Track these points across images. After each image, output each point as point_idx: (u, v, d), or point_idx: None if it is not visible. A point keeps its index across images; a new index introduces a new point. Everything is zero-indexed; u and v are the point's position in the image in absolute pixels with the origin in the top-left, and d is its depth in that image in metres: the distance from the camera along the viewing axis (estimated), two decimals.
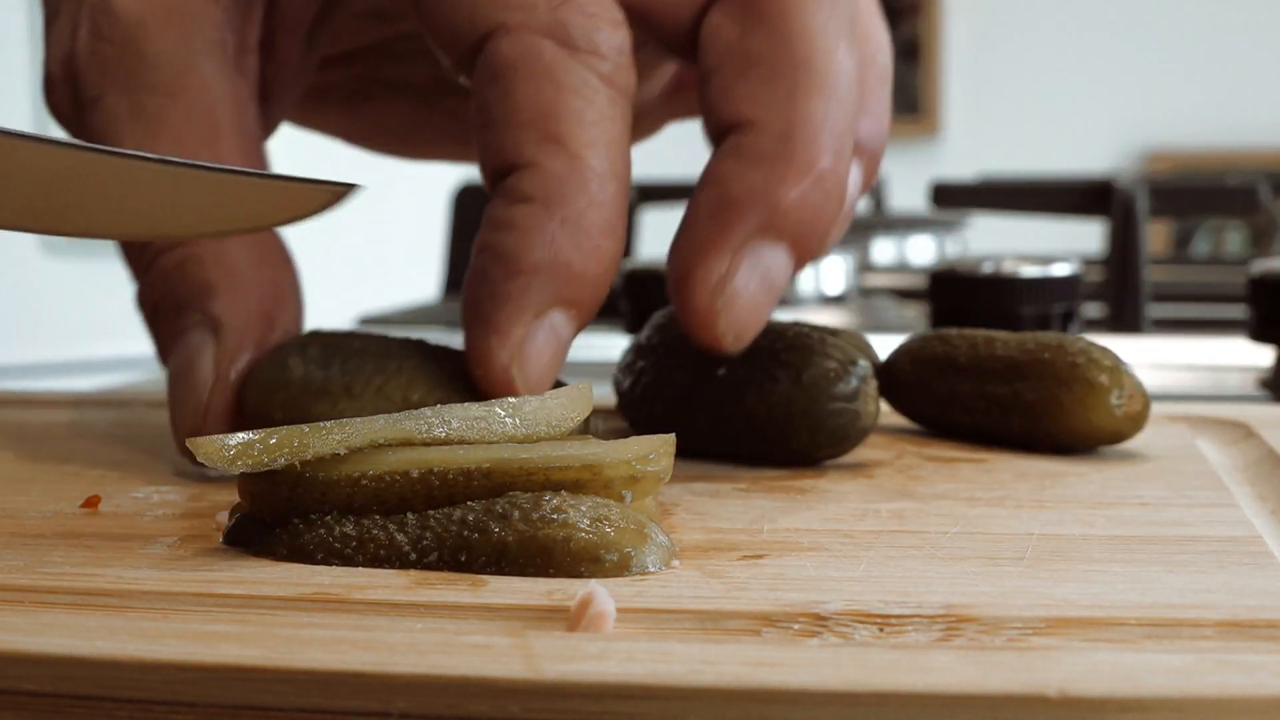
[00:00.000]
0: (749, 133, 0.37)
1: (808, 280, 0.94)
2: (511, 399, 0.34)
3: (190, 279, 0.39)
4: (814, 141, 0.37)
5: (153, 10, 0.40)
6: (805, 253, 0.38)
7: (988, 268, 0.71)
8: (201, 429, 0.39)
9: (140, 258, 0.41)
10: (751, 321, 0.38)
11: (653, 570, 0.30)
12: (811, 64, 0.38)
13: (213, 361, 0.39)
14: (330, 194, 0.35)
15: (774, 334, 0.42)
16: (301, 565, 0.31)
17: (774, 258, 0.38)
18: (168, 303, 0.40)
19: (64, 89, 0.41)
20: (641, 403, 0.46)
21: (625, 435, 0.34)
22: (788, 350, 0.41)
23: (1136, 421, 0.42)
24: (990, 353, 0.44)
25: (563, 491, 0.31)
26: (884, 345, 0.45)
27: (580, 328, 0.38)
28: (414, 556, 0.31)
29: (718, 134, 0.38)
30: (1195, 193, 1.23)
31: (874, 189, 2.07)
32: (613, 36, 0.38)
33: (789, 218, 0.37)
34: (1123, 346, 0.45)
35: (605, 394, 0.48)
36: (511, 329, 0.37)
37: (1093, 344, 0.43)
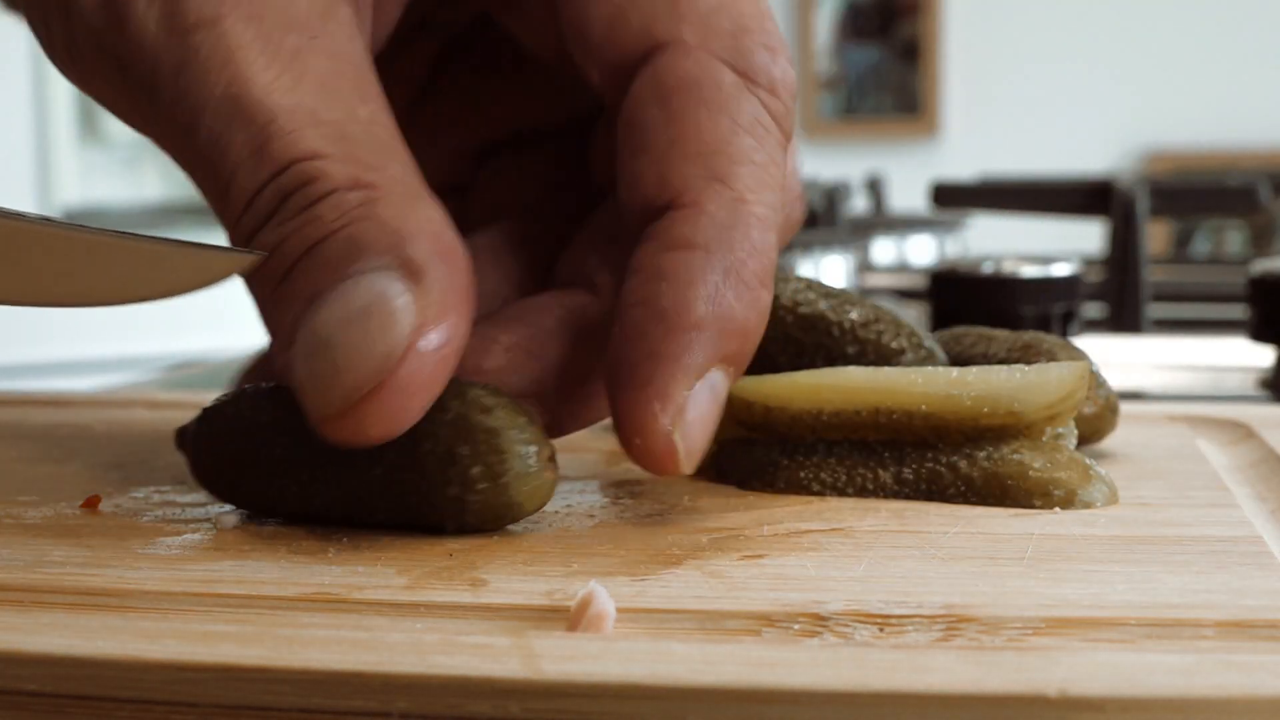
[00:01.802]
0: (690, 218, 0.34)
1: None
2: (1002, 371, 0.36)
3: (380, 219, 0.32)
4: (759, 238, 0.34)
5: None
6: (740, 370, 0.35)
7: (988, 268, 0.71)
8: (381, 393, 0.31)
9: (274, 183, 0.33)
10: (704, 443, 0.34)
11: (1097, 505, 0.35)
12: (749, 158, 0.35)
13: (414, 311, 0.31)
14: (236, 262, 0.32)
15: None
16: (301, 565, 0.31)
17: (716, 380, 0.34)
18: (338, 241, 0.32)
19: (152, 7, 0.34)
20: None
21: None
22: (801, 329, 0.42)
23: (1093, 424, 0.41)
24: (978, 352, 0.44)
25: (1021, 436, 0.36)
26: None
27: (734, 384, 0.35)
28: (895, 488, 0.36)
29: (645, 209, 0.35)
30: (1195, 193, 1.23)
31: (874, 188, 2.07)
32: (788, 75, 0.36)
33: (736, 336, 0.34)
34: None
35: None
36: (675, 392, 0.33)
37: (1066, 345, 0.43)
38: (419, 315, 0.31)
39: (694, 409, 0.33)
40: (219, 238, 0.36)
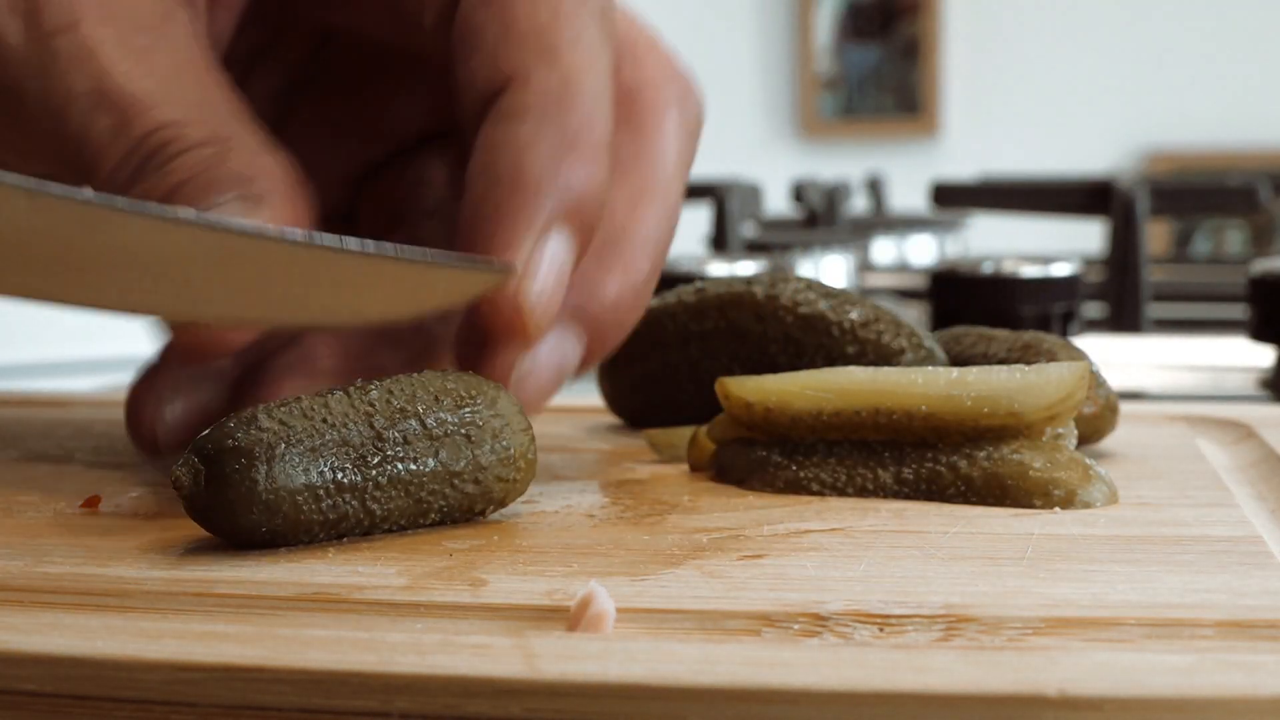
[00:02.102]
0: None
1: None
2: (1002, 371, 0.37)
3: (230, 168, 0.36)
4: (642, 250, 0.38)
5: None
6: (599, 348, 0.38)
7: (988, 268, 0.71)
8: None
9: (136, 151, 0.37)
10: (552, 307, 0.36)
11: (1097, 505, 0.35)
12: (658, 187, 0.39)
13: (267, 221, 0.36)
14: (489, 278, 0.34)
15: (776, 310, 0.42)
16: (301, 565, 0.31)
17: (574, 344, 0.37)
18: (193, 186, 0.36)
19: (14, 17, 0.37)
20: (631, 394, 0.46)
21: (618, 433, 0.34)
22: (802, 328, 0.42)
23: (1093, 424, 0.41)
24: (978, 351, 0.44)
25: (1021, 436, 0.36)
26: None
27: (579, 253, 0.36)
28: (895, 488, 0.36)
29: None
30: (1195, 193, 1.24)
31: (874, 188, 2.07)
32: None
33: (604, 310, 0.37)
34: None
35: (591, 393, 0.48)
36: (519, 245, 0.35)
37: (1066, 345, 0.43)
38: (272, 221, 0.35)
39: (540, 267, 0.34)
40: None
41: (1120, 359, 0.74)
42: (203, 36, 0.40)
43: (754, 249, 1.26)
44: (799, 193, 1.62)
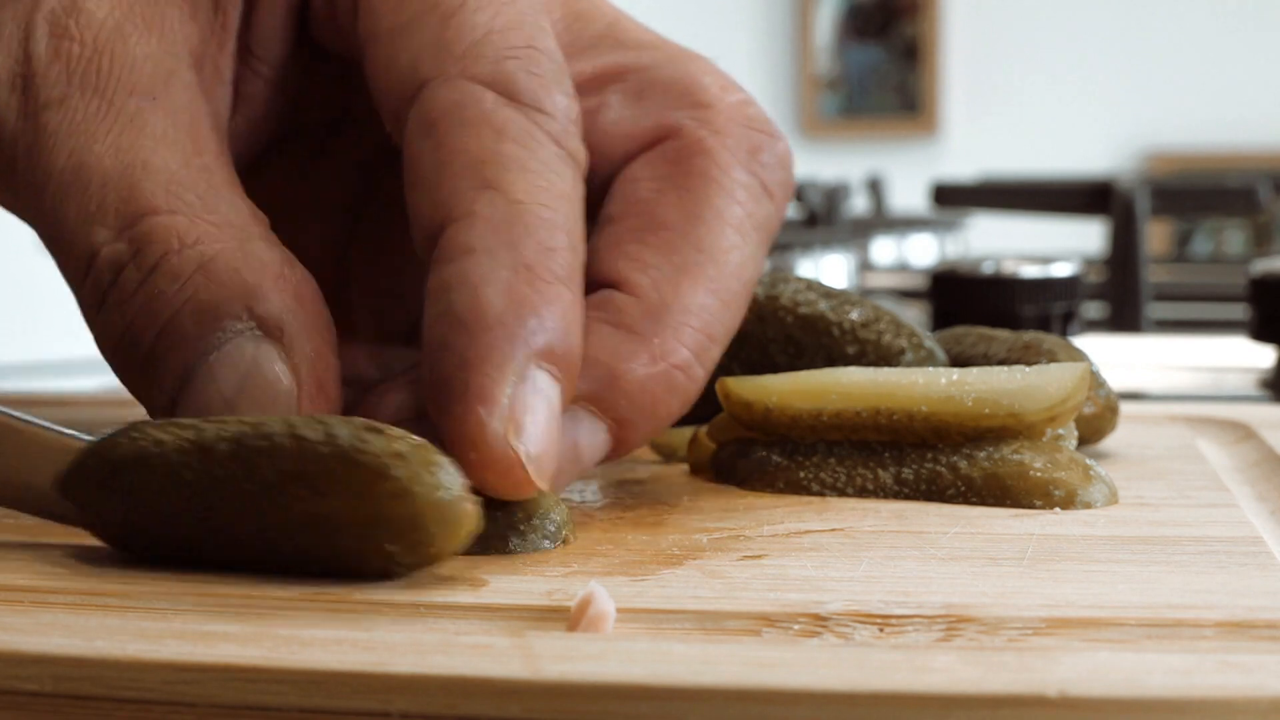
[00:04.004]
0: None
1: None
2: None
3: (219, 278, 0.33)
4: (681, 330, 0.35)
5: (130, 16, 0.36)
6: (629, 437, 0.34)
7: (988, 268, 0.71)
8: None
9: (105, 266, 0.33)
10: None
11: (1097, 505, 0.35)
12: (713, 252, 0.36)
13: (289, 370, 0.33)
14: None
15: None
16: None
17: (593, 429, 0.34)
18: (187, 313, 0.33)
19: (13, 94, 0.35)
20: None
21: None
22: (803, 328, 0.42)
23: (1093, 424, 0.41)
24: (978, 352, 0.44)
25: (1020, 437, 0.36)
26: None
27: (566, 395, 0.32)
28: (895, 488, 0.37)
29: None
30: (1195, 193, 1.24)
31: (875, 188, 2.07)
32: (561, 101, 0.34)
33: (623, 396, 0.34)
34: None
35: None
36: (496, 392, 0.31)
37: (1066, 345, 0.43)
38: (294, 375, 0.33)
39: (526, 414, 0.31)
40: None
41: (1120, 359, 0.74)
42: (214, 100, 0.37)
43: None
44: (799, 193, 1.62)
